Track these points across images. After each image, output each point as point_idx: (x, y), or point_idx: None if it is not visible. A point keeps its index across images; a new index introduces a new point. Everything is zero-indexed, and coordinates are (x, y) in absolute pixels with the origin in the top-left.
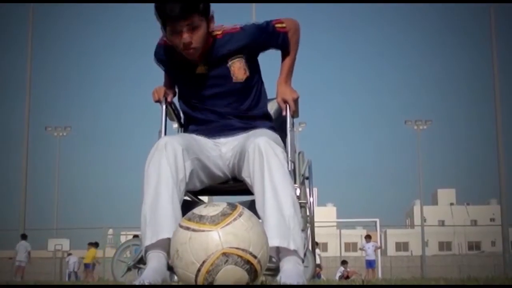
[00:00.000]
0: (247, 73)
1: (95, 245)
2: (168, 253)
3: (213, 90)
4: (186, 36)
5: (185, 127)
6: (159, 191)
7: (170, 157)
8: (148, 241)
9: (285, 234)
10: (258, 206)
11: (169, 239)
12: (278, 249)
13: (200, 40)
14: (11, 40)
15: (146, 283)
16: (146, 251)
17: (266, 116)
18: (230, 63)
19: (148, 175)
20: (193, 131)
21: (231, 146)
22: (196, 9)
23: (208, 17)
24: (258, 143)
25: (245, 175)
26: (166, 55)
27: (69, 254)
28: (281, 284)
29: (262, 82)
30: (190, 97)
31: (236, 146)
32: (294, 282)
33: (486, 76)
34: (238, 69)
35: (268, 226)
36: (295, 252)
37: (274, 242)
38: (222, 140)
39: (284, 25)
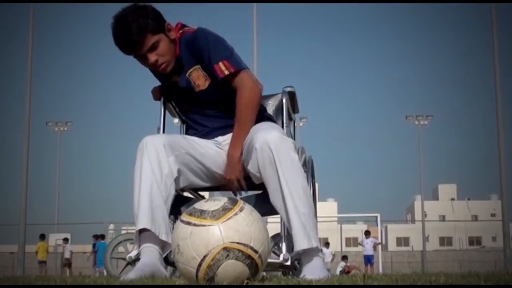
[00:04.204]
0: (209, 79)
1: (42, 237)
2: (160, 246)
3: (187, 98)
4: (150, 57)
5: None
6: (141, 189)
7: (151, 154)
8: (135, 236)
9: (307, 235)
10: (275, 203)
11: (153, 233)
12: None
13: (165, 52)
14: (12, 35)
15: (131, 278)
16: (139, 246)
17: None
18: (188, 73)
19: (134, 177)
20: (192, 135)
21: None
22: (146, 31)
23: (164, 29)
24: (267, 139)
25: (252, 170)
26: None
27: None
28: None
29: None
30: (175, 103)
31: None
32: (318, 275)
33: (487, 71)
34: (197, 77)
35: (293, 228)
36: (316, 248)
37: (302, 244)
38: (220, 138)
39: (226, 72)
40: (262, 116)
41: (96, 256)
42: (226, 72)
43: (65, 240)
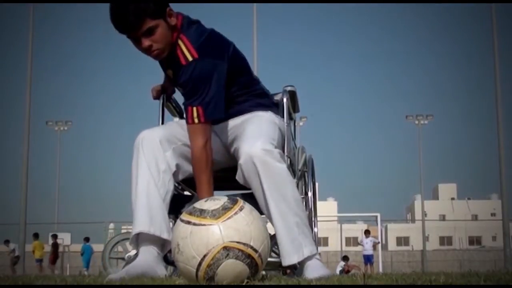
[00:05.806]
0: None
1: (36, 236)
2: (160, 245)
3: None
4: (144, 42)
5: None
6: (137, 188)
7: (147, 151)
8: (131, 238)
9: (297, 247)
10: (266, 214)
11: (151, 234)
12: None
13: (161, 39)
14: (12, 35)
15: (123, 277)
16: (138, 245)
17: (255, 95)
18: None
19: (131, 174)
20: None
21: (226, 128)
22: (144, 14)
23: (164, 13)
24: (250, 153)
25: (240, 181)
26: None
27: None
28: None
29: (239, 85)
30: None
31: (231, 130)
32: (318, 275)
33: (487, 72)
34: None
35: (281, 243)
36: (308, 257)
37: (292, 259)
38: (215, 127)
39: (196, 120)
40: (257, 103)
41: (83, 258)
42: (196, 121)
43: (6, 242)
